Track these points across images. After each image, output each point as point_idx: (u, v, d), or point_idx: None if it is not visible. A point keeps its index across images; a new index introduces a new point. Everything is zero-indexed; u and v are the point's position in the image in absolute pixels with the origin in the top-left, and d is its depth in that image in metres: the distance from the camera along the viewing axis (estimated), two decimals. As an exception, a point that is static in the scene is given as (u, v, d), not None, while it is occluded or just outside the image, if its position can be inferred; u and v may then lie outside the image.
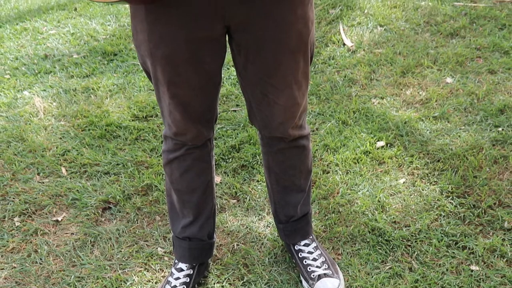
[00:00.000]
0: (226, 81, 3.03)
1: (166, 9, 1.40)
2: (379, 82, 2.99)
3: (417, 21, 3.59)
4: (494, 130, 2.49)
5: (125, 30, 3.72)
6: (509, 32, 3.36)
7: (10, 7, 4.09)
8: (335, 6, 3.84)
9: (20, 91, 3.05)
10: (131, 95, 2.97)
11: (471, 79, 2.95)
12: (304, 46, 1.50)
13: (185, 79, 1.50)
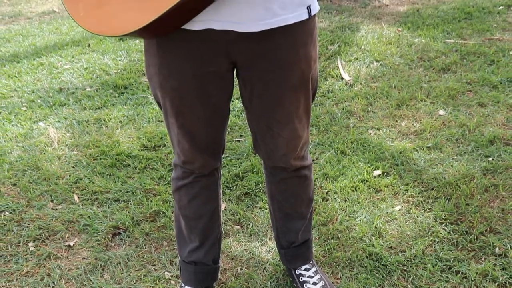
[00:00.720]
0: (230, 113, 3.04)
1: (176, 44, 1.41)
2: (375, 114, 3.01)
3: (411, 57, 3.62)
4: (484, 160, 2.51)
5: (135, 64, 3.76)
6: (498, 68, 3.39)
7: (28, 43, 4.13)
8: (333, 42, 3.88)
9: (35, 122, 3.07)
10: (140, 126, 2.99)
11: (462, 111, 2.97)
12: (306, 84, 1.51)
13: (192, 111, 1.50)
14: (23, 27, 4.47)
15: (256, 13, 1.35)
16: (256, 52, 1.42)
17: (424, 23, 4.10)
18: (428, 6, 4.44)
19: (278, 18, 1.37)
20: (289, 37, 1.43)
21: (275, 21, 1.37)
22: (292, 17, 1.40)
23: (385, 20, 4.23)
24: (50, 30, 4.37)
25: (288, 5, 1.39)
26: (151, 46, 1.47)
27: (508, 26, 3.97)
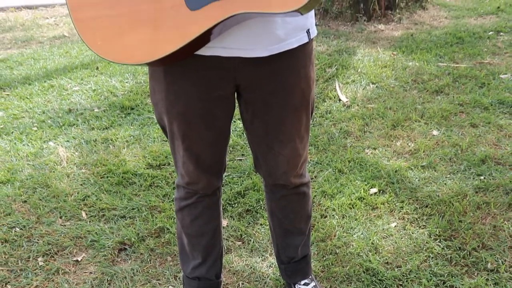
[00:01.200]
0: (232, 133, 3.07)
1: (183, 71, 1.43)
2: (371, 134, 3.03)
3: (405, 80, 3.65)
4: (477, 179, 2.52)
5: (141, 86, 3.79)
6: (488, 90, 3.41)
7: (39, 66, 4.16)
8: (331, 65, 3.91)
9: (46, 142, 3.09)
10: (146, 145, 3.01)
11: (455, 132, 2.98)
12: (306, 103, 1.52)
13: (198, 134, 1.51)
14: (34, 51, 4.52)
15: (262, 39, 1.37)
16: (260, 76, 1.44)
17: (418, 47, 4.14)
18: (422, 31, 4.48)
19: (283, 43, 1.39)
20: (291, 59, 1.44)
21: (280, 46, 1.39)
22: (295, 41, 1.42)
23: (380, 44, 4.27)
24: (60, 54, 4.41)
25: (291, 30, 1.41)
26: (158, 73, 1.48)
27: (497, 51, 4.00)
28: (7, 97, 3.67)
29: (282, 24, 1.38)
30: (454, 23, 4.56)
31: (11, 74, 4.03)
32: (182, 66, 1.42)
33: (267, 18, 1.33)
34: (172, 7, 1.26)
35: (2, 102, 3.57)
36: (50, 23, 5.20)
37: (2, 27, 5.14)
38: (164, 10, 1.27)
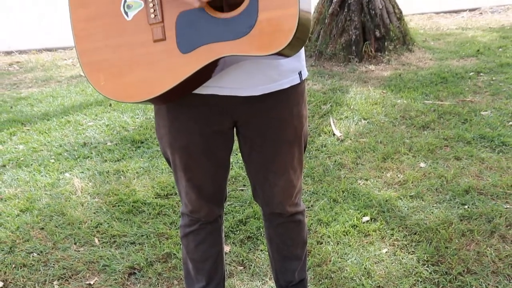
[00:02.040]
0: (234, 165, 3.09)
1: (183, 108, 1.45)
2: (363, 166, 3.04)
3: (394, 116, 3.67)
4: (461, 208, 2.53)
5: (151, 122, 3.82)
6: (471, 126, 3.43)
7: (57, 103, 4.20)
8: (326, 102, 3.93)
9: (62, 173, 3.10)
10: (154, 176, 3.02)
11: (440, 164, 3.00)
12: (299, 139, 1.54)
13: (199, 166, 1.52)
14: (53, 89, 4.57)
15: (256, 79, 1.39)
16: (256, 112, 1.46)
17: (405, 86, 4.17)
18: (409, 71, 4.53)
19: (275, 83, 1.42)
20: (284, 98, 1.46)
21: (272, 86, 1.42)
22: (287, 82, 1.44)
23: (371, 83, 4.31)
24: (77, 92, 4.46)
25: (283, 72, 1.43)
26: (162, 109, 1.50)
27: (478, 90, 4.03)
28: (27, 131, 3.70)
29: (275, 66, 1.40)
30: (438, 64, 4.61)
31: (32, 111, 4.08)
32: (183, 104, 1.44)
33: (257, 60, 1.36)
34: (165, 51, 1.29)
35: (23, 136, 3.60)
36: (68, 64, 5.27)
37: (25, 68, 5.21)
38: (159, 53, 1.30)
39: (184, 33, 1.27)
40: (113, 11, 1.32)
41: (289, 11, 1.17)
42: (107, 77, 1.35)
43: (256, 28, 1.21)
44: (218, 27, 1.24)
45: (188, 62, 1.27)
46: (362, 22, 4.75)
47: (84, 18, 1.35)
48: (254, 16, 1.21)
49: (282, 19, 1.18)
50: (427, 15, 6.13)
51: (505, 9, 6.06)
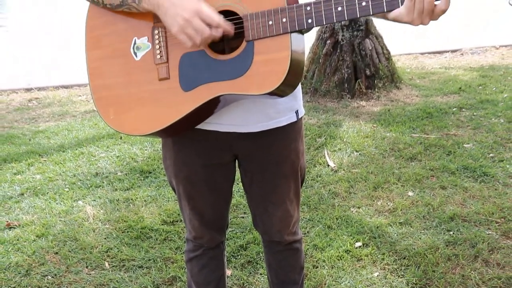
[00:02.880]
0: (236, 194, 3.09)
1: (187, 142, 1.47)
2: (356, 195, 3.04)
3: (384, 148, 3.69)
4: (447, 234, 2.53)
5: (158, 153, 3.84)
6: (454, 157, 3.45)
7: (72, 136, 4.22)
8: (321, 136, 3.95)
9: (75, 201, 3.10)
10: (161, 204, 3.02)
11: (427, 193, 3.01)
12: (296, 173, 1.54)
13: (202, 195, 1.53)
14: (68, 123, 4.60)
15: (254, 117, 1.41)
16: (255, 148, 1.47)
17: (394, 121, 4.20)
18: (397, 107, 4.58)
19: (272, 121, 1.43)
20: (281, 135, 1.48)
21: (270, 123, 1.43)
22: (284, 119, 1.46)
23: (362, 118, 4.34)
24: (90, 126, 4.49)
25: (281, 110, 1.44)
26: (168, 142, 1.52)
27: (461, 124, 4.06)
28: (44, 162, 3.72)
29: (273, 105, 1.42)
30: (424, 100, 4.67)
31: (48, 143, 4.10)
32: (187, 138, 1.45)
33: (256, 99, 1.37)
34: (169, 89, 1.32)
35: (40, 167, 3.62)
36: (82, 100, 5.33)
37: (43, 104, 5.26)
38: (163, 91, 1.32)
39: (186, 73, 1.30)
40: (123, 52, 1.36)
41: (282, 54, 1.20)
42: (116, 111, 1.37)
43: (252, 69, 1.23)
44: (217, 67, 1.26)
45: (189, 100, 1.29)
46: (354, 61, 4.83)
47: (97, 58, 1.39)
48: (250, 59, 1.23)
49: (275, 61, 1.21)
50: (413, 55, 6.23)
51: (483, 51, 6.17)
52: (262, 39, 1.23)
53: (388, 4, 1.16)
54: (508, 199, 2.88)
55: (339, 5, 1.18)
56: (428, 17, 1.16)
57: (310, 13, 1.20)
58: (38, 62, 8.22)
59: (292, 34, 1.22)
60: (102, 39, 1.39)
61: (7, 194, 3.20)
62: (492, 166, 3.28)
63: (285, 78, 1.20)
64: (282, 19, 1.20)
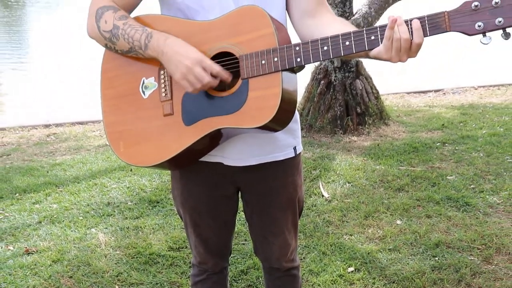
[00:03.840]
0: (237, 222, 3.09)
1: (193, 174, 1.48)
2: (348, 223, 3.05)
3: (374, 180, 3.70)
4: (432, 259, 2.54)
5: (165, 184, 3.85)
6: (439, 188, 3.47)
7: (86, 168, 4.23)
8: (315, 168, 3.97)
9: (89, 229, 3.11)
10: (168, 231, 3.02)
11: (414, 221, 3.02)
12: (293, 205, 1.54)
13: (206, 224, 1.54)
14: (83, 156, 4.63)
15: (254, 152, 1.42)
16: (255, 180, 1.48)
17: (383, 155, 4.23)
18: (386, 142, 4.61)
19: (270, 155, 1.45)
20: (280, 169, 1.48)
21: (268, 157, 1.44)
22: (281, 155, 1.47)
23: (354, 152, 4.36)
24: (103, 159, 4.51)
25: (279, 146, 1.46)
26: (176, 174, 1.54)
27: (444, 158, 4.10)
28: (60, 192, 3.74)
29: (271, 141, 1.44)
30: (410, 136, 4.71)
31: (64, 175, 4.13)
32: (193, 170, 1.46)
33: (256, 135, 1.38)
34: (173, 123, 1.34)
35: (57, 197, 3.64)
36: (96, 135, 5.39)
37: (60, 138, 5.32)
38: (168, 125, 1.34)
39: (188, 109, 1.32)
40: (133, 90, 1.39)
41: (274, 90, 1.22)
42: (126, 145, 1.39)
43: (247, 104, 1.25)
44: (216, 104, 1.29)
45: (190, 133, 1.31)
46: (346, 100, 4.89)
47: (111, 96, 1.42)
48: (245, 95, 1.25)
49: (267, 97, 1.23)
50: (399, 95, 6.34)
51: (463, 91, 6.28)
52: (256, 77, 1.25)
53: (369, 43, 1.19)
54: (488, 227, 2.90)
55: (325, 45, 1.21)
56: (405, 55, 1.17)
57: (299, 52, 1.22)
58: (56, 101, 8.37)
59: (284, 73, 1.24)
60: (114, 80, 1.42)
61: (26, 222, 3.21)
62: (473, 197, 3.31)
63: (276, 112, 1.21)
64: (274, 59, 1.23)
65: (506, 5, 1.11)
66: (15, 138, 5.36)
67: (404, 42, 1.14)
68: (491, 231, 2.85)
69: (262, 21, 1.25)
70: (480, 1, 1.13)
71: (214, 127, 1.29)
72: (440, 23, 1.15)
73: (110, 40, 1.35)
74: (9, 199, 3.61)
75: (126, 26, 1.32)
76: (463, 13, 1.14)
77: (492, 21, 1.12)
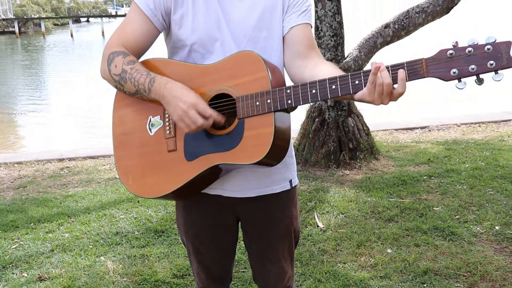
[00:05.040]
0: (238, 251, 3.08)
1: (196, 205, 1.50)
2: (342, 252, 3.04)
3: (366, 211, 3.71)
4: (421, 286, 2.52)
5: (170, 215, 3.85)
6: (426, 219, 3.48)
7: (96, 200, 4.24)
8: (311, 200, 3.98)
9: (98, 257, 3.11)
10: (172, 260, 3.01)
11: (403, 250, 3.02)
12: (289, 235, 1.55)
13: (208, 252, 1.54)
14: (94, 189, 4.65)
15: (252, 184, 1.44)
16: (253, 212, 1.49)
17: (374, 187, 4.23)
18: (376, 175, 4.62)
19: (267, 188, 1.46)
20: (276, 201, 1.49)
21: (266, 190, 1.46)
22: (278, 187, 1.48)
23: (347, 185, 4.37)
24: (112, 191, 4.52)
25: (276, 179, 1.47)
26: (180, 205, 1.56)
27: (430, 190, 4.11)
28: (72, 222, 3.74)
29: (268, 174, 1.45)
30: (399, 170, 4.74)
31: (76, 206, 4.13)
32: (195, 201, 1.48)
33: (253, 169, 1.39)
34: (176, 159, 1.36)
35: (69, 227, 3.64)
36: (106, 169, 5.43)
37: (72, 172, 5.35)
38: (171, 160, 1.37)
39: (189, 145, 1.35)
40: (141, 128, 1.43)
41: (267, 129, 1.25)
42: (134, 177, 1.42)
43: (243, 142, 1.27)
44: (215, 141, 1.32)
45: (191, 168, 1.34)
46: (338, 136, 4.95)
47: (121, 133, 1.46)
48: (241, 133, 1.28)
49: (262, 136, 1.25)
50: (388, 131, 6.42)
51: (447, 128, 6.37)
52: (251, 117, 1.28)
53: (354, 87, 1.22)
54: (473, 256, 2.90)
55: (313, 88, 1.25)
56: (387, 98, 1.19)
57: (289, 95, 1.26)
58: (69, 137, 8.49)
59: (276, 113, 1.27)
60: (125, 118, 1.46)
61: (39, 250, 3.21)
62: (458, 227, 3.31)
63: (269, 150, 1.24)
64: (267, 100, 1.26)
65: (478, 54, 1.15)
66: (31, 171, 5.39)
67: (386, 86, 1.18)
68: (475, 259, 2.85)
69: (257, 65, 1.30)
70: (454, 49, 1.17)
71: (213, 162, 1.32)
72: (418, 69, 1.18)
73: (119, 83, 1.40)
74: (24, 228, 3.62)
75: (133, 70, 1.37)
76: (439, 60, 1.17)
77: (466, 68, 1.15)
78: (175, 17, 1.40)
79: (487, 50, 1.14)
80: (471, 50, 1.16)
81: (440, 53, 1.19)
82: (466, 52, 1.16)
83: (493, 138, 5.64)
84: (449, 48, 1.18)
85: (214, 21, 1.39)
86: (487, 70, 1.15)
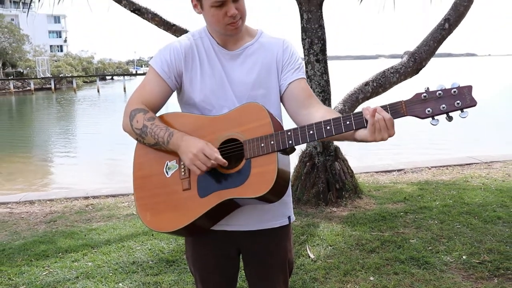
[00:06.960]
0: (239, 279, 3.05)
1: (202, 240, 1.50)
2: (330, 280, 3.02)
3: (351, 243, 3.69)
4: (400, 310, 2.50)
5: (180, 247, 3.81)
6: (403, 250, 3.44)
7: (116, 233, 4.20)
8: (303, 234, 3.96)
9: (117, 283, 3.08)
10: (182, 286, 2.97)
11: (384, 277, 3.00)
12: (284, 266, 1.54)
13: (213, 281, 1.53)
14: (114, 223, 4.62)
15: (253, 219, 1.46)
16: (253, 244, 1.50)
17: (358, 222, 4.22)
18: (359, 212, 4.61)
19: (268, 223, 1.47)
20: (274, 235, 1.50)
21: (265, 225, 1.47)
22: (278, 223, 1.49)
23: (334, 220, 4.35)
24: (130, 225, 4.49)
25: (276, 215, 1.48)
26: (189, 239, 1.56)
27: (407, 225, 4.10)
28: (95, 253, 3.72)
29: (269, 211, 1.46)
30: (379, 207, 4.74)
31: (98, 238, 4.12)
32: (201, 237, 1.48)
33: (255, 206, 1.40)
34: (190, 197, 1.37)
35: (92, 256, 3.61)
36: (125, 206, 5.43)
37: (96, 208, 5.36)
38: (186, 198, 1.37)
39: (202, 184, 1.36)
40: (158, 171, 1.44)
41: (271, 167, 1.27)
42: (152, 214, 1.41)
43: (250, 179, 1.29)
44: (225, 179, 1.33)
45: (204, 203, 1.34)
46: (327, 178, 4.99)
47: (140, 176, 1.47)
48: (248, 171, 1.30)
49: (266, 173, 1.27)
50: (370, 174, 6.48)
51: (420, 170, 6.44)
52: (257, 157, 1.30)
53: (345, 127, 1.26)
54: (444, 282, 2.88)
55: (311, 129, 1.29)
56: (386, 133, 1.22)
57: (290, 136, 1.29)
58: (94, 178, 8.56)
59: (279, 153, 1.29)
60: (144, 163, 1.48)
61: (66, 277, 3.18)
62: (431, 256, 3.29)
63: (273, 184, 1.26)
64: (270, 142, 1.30)
65: (447, 96, 1.23)
66: (60, 207, 5.40)
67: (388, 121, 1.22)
68: (446, 285, 2.83)
69: (261, 113, 1.35)
70: (427, 93, 1.24)
71: (223, 197, 1.33)
72: (399, 109, 1.25)
73: (140, 136, 1.43)
74: (53, 257, 3.60)
75: (153, 126, 1.41)
76: (415, 101, 1.25)
77: (437, 107, 1.23)
78: (186, 78, 1.46)
79: (453, 92, 1.22)
80: (440, 93, 1.23)
81: (416, 96, 1.26)
82: (436, 95, 1.23)
83: (459, 179, 5.69)
84: (423, 92, 1.25)
85: (219, 82, 1.45)
86: (455, 109, 1.21)
